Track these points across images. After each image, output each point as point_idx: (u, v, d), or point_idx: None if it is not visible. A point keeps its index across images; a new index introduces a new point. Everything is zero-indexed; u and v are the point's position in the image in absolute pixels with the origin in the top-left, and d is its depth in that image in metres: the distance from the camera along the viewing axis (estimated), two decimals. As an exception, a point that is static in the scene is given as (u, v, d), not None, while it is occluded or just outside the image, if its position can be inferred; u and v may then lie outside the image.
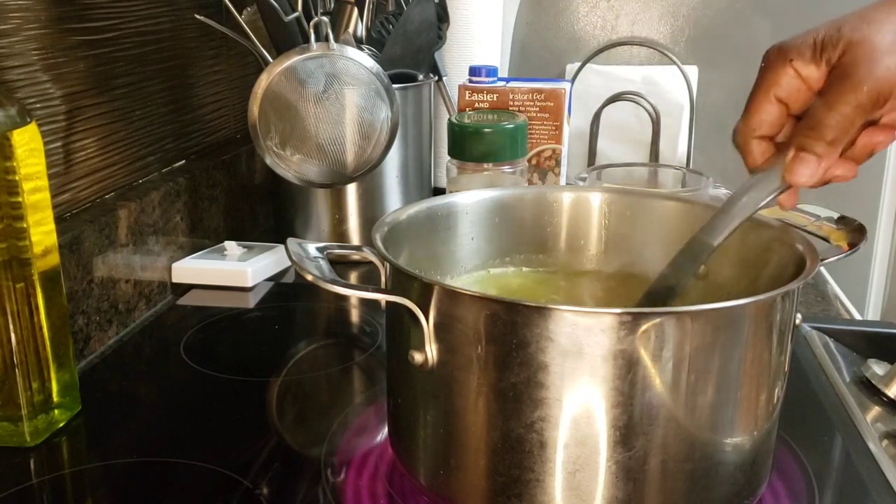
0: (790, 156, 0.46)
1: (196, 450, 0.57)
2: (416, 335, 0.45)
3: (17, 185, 0.54)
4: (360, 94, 0.79)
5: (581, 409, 0.42)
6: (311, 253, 0.49)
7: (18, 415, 0.56)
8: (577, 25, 1.32)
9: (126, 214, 0.76)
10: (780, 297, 0.44)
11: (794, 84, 0.46)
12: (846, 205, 0.70)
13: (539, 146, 0.93)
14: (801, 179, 0.46)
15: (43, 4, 0.69)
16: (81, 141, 0.75)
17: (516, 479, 0.44)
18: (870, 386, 0.65)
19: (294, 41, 0.82)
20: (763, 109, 0.47)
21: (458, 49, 1.10)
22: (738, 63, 1.28)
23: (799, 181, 0.46)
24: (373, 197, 0.93)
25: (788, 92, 0.46)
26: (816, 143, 0.45)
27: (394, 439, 0.52)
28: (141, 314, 0.79)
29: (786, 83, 0.46)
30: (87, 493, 0.54)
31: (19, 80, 0.67)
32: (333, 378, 0.69)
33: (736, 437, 0.45)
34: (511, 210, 0.60)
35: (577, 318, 0.41)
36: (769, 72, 0.47)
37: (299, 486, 0.53)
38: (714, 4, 1.28)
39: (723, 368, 0.43)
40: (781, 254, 0.50)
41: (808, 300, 0.84)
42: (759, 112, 0.47)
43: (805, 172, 0.46)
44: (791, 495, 0.52)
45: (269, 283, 0.87)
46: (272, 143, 0.79)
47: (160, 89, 0.87)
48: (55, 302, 0.58)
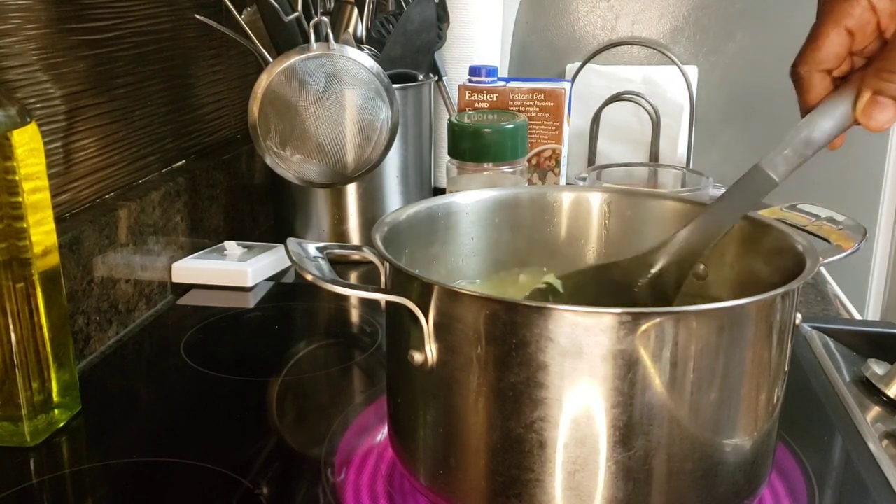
0: (865, 98, 0.44)
1: (196, 450, 0.57)
2: (415, 335, 0.45)
3: (17, 185, 0.54)
4: (360, 94, 0.79)
5: (581, 409, 0.42)
6: (311, 253, 0.49)
7: (18, 415, 0.56)
8: (577, 25, 1.32)
9: (126, 214, 0.76)
10: (780, 297, 0.44)
11: (866, 17, 0.44)
12: (846, 205, 0.70)
13: (539, 146, 0.93)
14: (877, 124, 0.44)
15: (43, 4, 0.69)
16: (81, 141, 0.75)
17: (516, 479, 0.44)
18: (870, 386, 0.65)
19: (294, 41, 0.82)
20: (832, 41, 0.45)
21: (458, 49, 1.11)
22: (738, 63, 1.28)
23: (874, 126, 0.44)
24: (373, 197, 0.93)
25: (859, 24, 0.44)
26: (894, 87, 0.43)
27: (394, 439, 0.52)
28: (141, 314, 0.79)
29: (858, 14, 0.44)
30: (87, 493, 0.54)
31: (19, 80, 0.67)
32: (333, 378, 0.69)
33: (736, 437, 0.45)
34: (511, 210, 0.60)
35: (577, 318, 0.41)
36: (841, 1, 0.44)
37: (299, 486, 0.53)
38: (714, 4, 1.28)
39: (723, 368, 0.43)
40: (781, 254, 0.50)
41: (808, 300, 0.84)
42: (828, 43, 0.45)
43: (882, 117, 0.44)
44: (791, 495, 0.52)
45: (269, 283, 0.87)
46: (272, 143, 0.79)
47: (160, 89, 0.87)
48: (55, 302, 0.58)
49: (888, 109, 0.43)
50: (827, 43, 0.45)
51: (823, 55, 0.45)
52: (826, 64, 0.45)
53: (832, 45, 0.45)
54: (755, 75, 1.27)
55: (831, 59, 0.45)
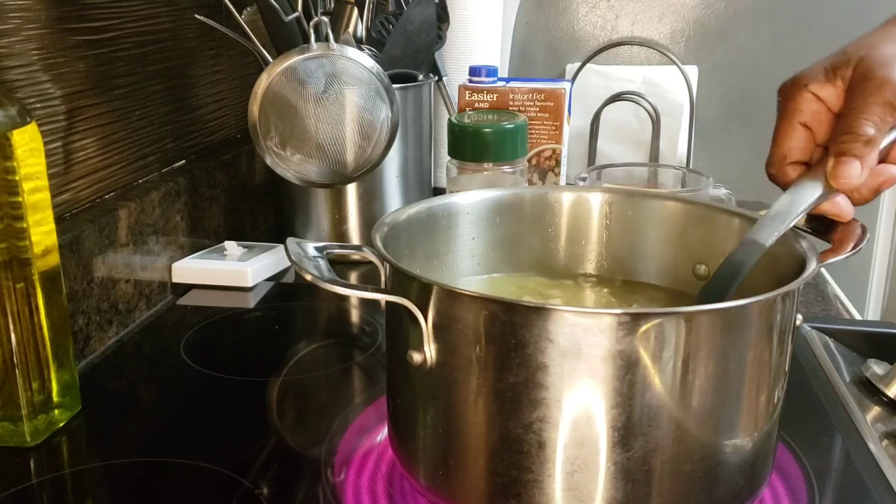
0: (831, 163, 0.47)
1: (196, 450, 0.57)
2: (414, 335, 0.45)
3: (17, 185, 0.54)
4: (360, 94, 0.79)
5: (580, 409, 0.42)
6: (311, 253, 0.49)
7: (18, 415, 0.56)
8: (577, 25, 1.32)
9: (126, 214, 0.76)
10: (781, 298, 0.44)
11: (813, 107, 0.48)
12: (846, 205, 0.70)
13: (539, 146, 0.93)
14: (844, 181, 0.47)
15: (43, 4, 0.69)
16: (81, 141, 0.75)
17: (515, 479, 0.44)
18: (870, 386, 0.65)
19: (294, 41, 0.82)
20: (791, 136, 0.49)
21: (458, 49, 1.11)
22: (738, 63, 1.28)
23: (843, 183, 0.47)
24: (373, 197, 0.93)
25: (811, 116, 0.48)
26: (853, 145, 0.46)
27: (393, 439, 0.52)
28: (141, 314, 0.79)
29: (806, 108, 0.48)
30: (87, 493, 0.54)
31: (19, 80, 0.67)
32: (333, 378, 0.69)
33: (736, 439, 0.45)
34: (511, 210, 0.60)
35: (577, 319, 0.41)
36: (789, 101, 0.49)
37: (299, 486, 0.53)
38: (714, 4, 1.28)
39: (723, 369, 0.43)
40: (781, 254, 0.50)
41: (808, 300, 0.84)
42: (787, 139, 0.49)
43: (848, 173, 0.47)
44: (791, 495, 0.52)
45: (269, 283, 0.87)
46: (272, 143, 0.79)
47: (160, 89, 0.87)
48: (55, 302, 0.58)
49: (853, 166, 0.47)
50: (786, 139, 0.49)
51: (786, 151, 0.49)
52: (791, 157, 0.50)
53: (792, 140, 0.49)
54: (755, 75, 1.27)
55: (795, 152, 0.49)
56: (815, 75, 0.48)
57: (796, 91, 0.49)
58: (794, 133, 0.49)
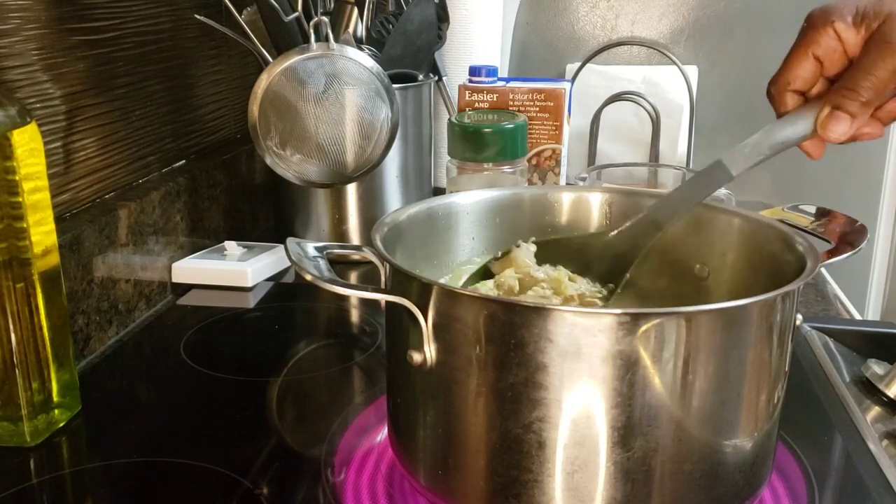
0: (825, 112, 0.48)
1: (196, 450, 0.57)
2: (414, 335, 0.45)
3: (17, 185, 0.54)
4: (360, 94, 0.79)
5: (580, 409, 0.42)
6: (311, 253, 0.49)
7: (18, 415, 0.56)
8: (577, 25, 1.32)
9: (126, 214, 0.76)
10: (781, 298, 0.44)
11: (832, 45, 0.48)
12: (846, 205, 0.70)
13: (539, 146, 0.93)
14: (833, 136, 0.48)
15: (43, 4, 0.69)
16: (81, 141, 0.75)
17: (515, 479, 0.44)
18: (870, 386, 0.65)
19: (294, 41, 0.82)
20: (800, 65, 0.49)
21: (458, 49, 1.11)
22: (738, 63, 1.28)
23: (831, 137, 0.48)
24: (373, 197, 0.93)
25: (826, 51, 0.48)
26: (851, 103, 0.47)
27: (393, 439, 0.52)
28: (141, 314, 0.79)
29: (825, 43, 0.48)
30: (87, 493, 0.54)
31: (19, 80, 0.67)
32: (333, 378, 0.69)
33: (736, 439, 0.45)
34: (511, 210, 0.60)
35: (576, 319, 0.41)
36: (811, 31, 0.49)
37: (299, 486, 0.53)
38: (714, 4, 1.27)
39: (723, 369, 0.43)
40: (781, 254, 0.50)
41: (808, 300, 0.84)
42: (796, 67, 0.49)
43: (838, 129, 0.48)
44: (791, 495, 0.52)
45: (269, 283, 0.87)
46: (272, 143, 0.79)
47: (160, 89, 0.87)
48: (55, 302, 0.58)
49: (843, 122, 0.48)
50: (795, 67, 0.50)
51: (791, 77, 0.50)
52: (794, 85, 0.50)
53: (799, 69, 0.49)
54: (755, 75, 1.26)
55: (799, 81, 0.50)
56: (844, 14, 0.48)
57: (821, 23, 0.49)
58: (805, 63, 0.49)
